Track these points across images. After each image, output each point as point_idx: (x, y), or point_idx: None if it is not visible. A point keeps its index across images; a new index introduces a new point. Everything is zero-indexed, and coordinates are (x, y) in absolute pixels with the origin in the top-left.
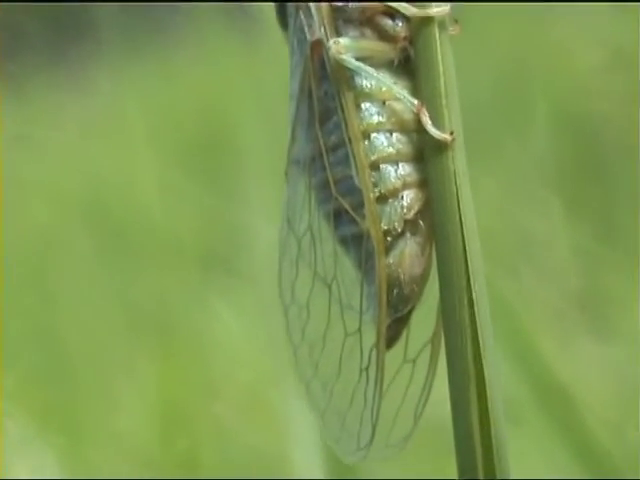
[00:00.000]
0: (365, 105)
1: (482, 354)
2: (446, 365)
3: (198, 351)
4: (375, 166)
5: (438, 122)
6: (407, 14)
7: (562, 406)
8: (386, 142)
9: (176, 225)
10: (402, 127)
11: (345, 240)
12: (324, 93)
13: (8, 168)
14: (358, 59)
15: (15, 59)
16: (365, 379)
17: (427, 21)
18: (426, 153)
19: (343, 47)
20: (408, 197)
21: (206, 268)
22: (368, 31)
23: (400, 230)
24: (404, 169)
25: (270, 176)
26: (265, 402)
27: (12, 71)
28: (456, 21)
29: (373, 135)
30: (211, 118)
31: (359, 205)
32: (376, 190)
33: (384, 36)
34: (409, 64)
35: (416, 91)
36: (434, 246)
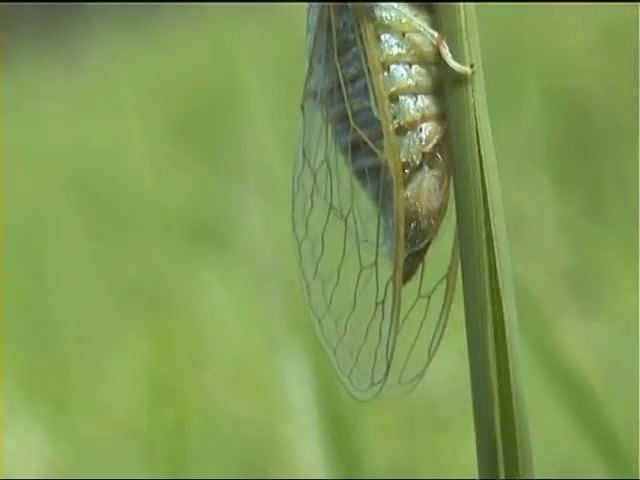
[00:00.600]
0: (385, 37)
1: (501, 290)
2: (463, 303)
3: (187, 323)
4: (394, 98)
5: (458, 55)
6: None
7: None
8: (405, 74)
9: (166, 197)
10: (422, 59)
11: (363, 172)
12: (343, 24)
13: None
14: None
15: (7, 31)
16: (381, 313)
17: None
18: (445, 86)
19: None
20: (427, 129)
21: (196, 241)
22: None
23: (418, 163)
24: (423, 101)
25: (264, 149)
26: (253, 374)
27: (4, 42)
28: None
29: (392, 67)
30: (202, 90)
31: (378, 137)
32: (395, 122)
33: None
34: None
35: (436, 24)
36: (452, 180)
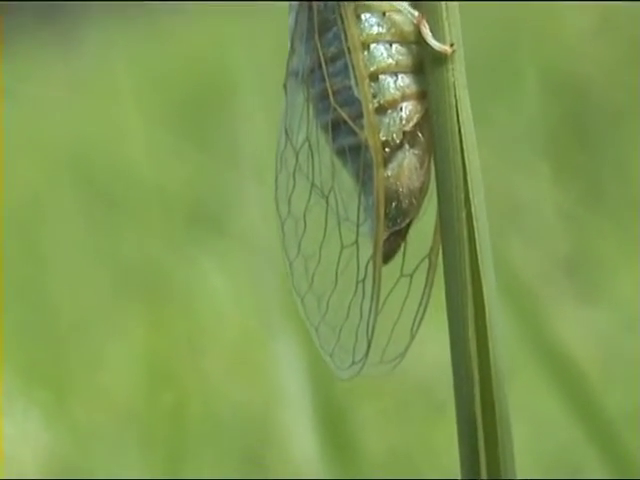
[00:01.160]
0: (365, 16)
1: (480, 269)
2: (444, 282)
3: (185, 309)
4: (374, 77)
5: (438, 34)
6: None
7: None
8: (385, 53)
9: (164, 184)
10: (402, 38)
11: (343, 151)
12: (324, 4)
13: None
14: None
15: (5, 17)
16: (361, 292)
17: None
18: (426, 65)
19: None
20: (407, 109)
21: (194, 227)
22: None
23: (399, 141)
24: (403, 80)
25: (260, 134)
26: (251, 359)
27: (2, 29)
28: None
29: (373, 46)
30: (199, 76)
31: (358, 116)
32: (375, 101)
33: None
34: None
35: (416, 4)
36: (433, 159)
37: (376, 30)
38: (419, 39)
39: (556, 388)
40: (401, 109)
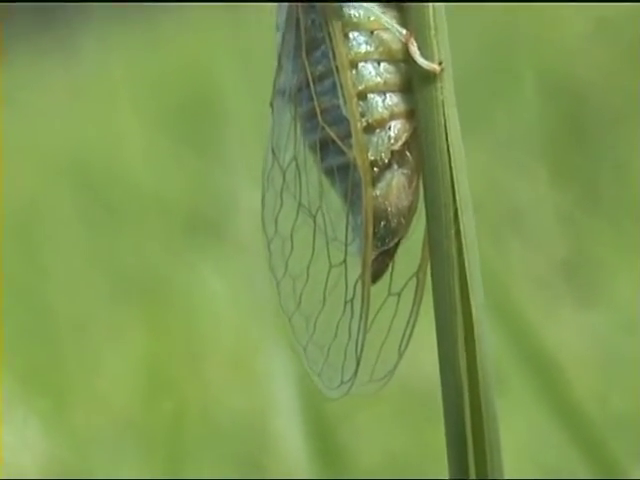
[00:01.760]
0: (353, 34)
1: (469, 287)
2: (432, 300)
3: (183, 314)
4: (362, 96)
5: (426, 52)
6: None
7: (547, 374)
8: (374, 72)
9: (162, 189)
10: (390, 57)
11: (331, 171)
12: (311, 22)
13: None
14: None
15: (4, 24)
16: (350, 312)
17: None
18: (414, 83)
19: None
20: (395, 127)
21: (191, 232)
22: None
23: (387, 161)
24: (392, 99)
25: (255, 140)
26: (249, 364)
27: (1, 36)
28: None
29: (361, 64)
30: (196, 83)
31: (346, 135)
32: (363, 120)
33: None
34: None
35: (405, 22)
36: (421, 178)
37: (364, 48)
38: (407, 57)
39: (546, 394)
40: (389, 128)
